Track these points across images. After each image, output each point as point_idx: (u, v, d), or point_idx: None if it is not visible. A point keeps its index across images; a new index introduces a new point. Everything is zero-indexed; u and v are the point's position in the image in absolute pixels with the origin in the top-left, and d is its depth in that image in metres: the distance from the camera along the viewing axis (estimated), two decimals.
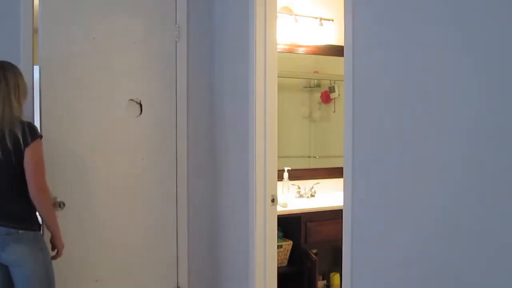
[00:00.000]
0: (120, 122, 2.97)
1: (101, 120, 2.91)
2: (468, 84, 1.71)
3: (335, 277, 3.85)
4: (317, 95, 4.18)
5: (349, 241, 2.20)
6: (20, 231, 2.28)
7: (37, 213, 2.38)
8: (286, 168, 3.78)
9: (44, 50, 2.75)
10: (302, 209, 3.54)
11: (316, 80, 4.18)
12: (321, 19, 3.99)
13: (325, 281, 3.91)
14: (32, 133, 2.29)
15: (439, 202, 1.81)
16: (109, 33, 2.92)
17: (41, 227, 2.42)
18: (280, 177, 3.64)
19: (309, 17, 3.97)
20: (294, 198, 3.81)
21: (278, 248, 3.15)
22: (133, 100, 3.00)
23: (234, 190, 3.05)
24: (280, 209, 3.30)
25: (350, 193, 2.19)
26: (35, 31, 2.72)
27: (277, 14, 2.97)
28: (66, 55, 2.81)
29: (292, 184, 3.84)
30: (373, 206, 2.10)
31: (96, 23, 2.88)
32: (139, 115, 3.02)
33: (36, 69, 2.74)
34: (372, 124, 2.10)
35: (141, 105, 3.02)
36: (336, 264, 3.88)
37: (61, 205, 2.73)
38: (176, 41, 3.13)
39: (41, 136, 2.34)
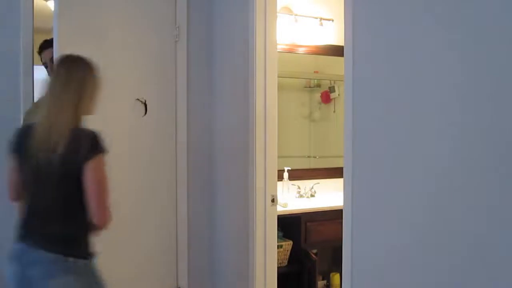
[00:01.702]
0: (129, 121, 2.96)
1: (114, 119, 2.89)
2: (468, 84, 1.71)
3: (335, 277, 3.85)
4: (317, 95, 4.18)
5: (349, 241, 2.20)
6: (69, 259, 1.90)
7: (90, 236, 2.02)
8: (286, 168, 3.78)
9: (60, 50, 2.69)
10: (302, 209, 3.54)
11: (316, 80, 4.18)
12: (321, 19, 3.99)
13: (325, 281, 3.91)
14: (93, 146, 1.92)
15: (440, 202, 1.81)
16: (112, 33, 2.91)
17: (93, 255, 2.05)
18: (280, 177, 3.64)
19: (309, 17, 3.97)
20: (294, 198, 3.81)
21: (278, 248, 3.15)
22: (139, 99, 2.99)
23: (234, 190, 3.05)
24: (280, 209, 3.30)
25: (350, 193, 2.19)
26: (35, 31, 2.72)
27: (277, 14, 2.97)
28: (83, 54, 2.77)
29: (292, 184, 3.84)
30: (373, 206, 2.10)
31: (100, 23, 2.87)
32: (144, 115, 3.01)
33: (36, 69, 2.74)
34: (372, 124, 2.10)
35: (145, 105, 3.01)
36: (336, 264, 3.88)
37: None
38: (176, 42, 3.14)
39: (104, 151, 1.95)
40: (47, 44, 2.66)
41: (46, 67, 2.69)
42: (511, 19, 1.57)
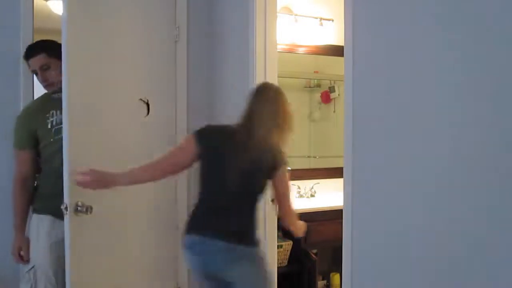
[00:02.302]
0: (131, 122, 2.94)
1: (117, 119, 2.86)
2: (468, 84, 1.71)
3: (335, 277, 3.85)
4: (317, 95, 4.17)
5: (349, 241, 2.20)
6: (242, 247, 2.23)
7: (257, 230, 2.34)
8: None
9: (70, 51, 2.66)
10: (302, 209, 3.52)
11: (316, 80, 4.18)
12: (321, 19, 3.99)
13: (325, 281, 3.91)
14: (282, 159, 2.31)
15: (440, 202, 1.81)
16: (112, 33, 2.91)
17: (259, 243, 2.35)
18: None
19: (309, 17, 3.97)
20: (294, 198, 3.81)
21: (278, 248, 3.15)
22: (142, 100, 2.97)
23: None
24: None
25: (350, 193, 2.19)
26: (35, 31, 2.72)
27: (277, 14, 2.97)
28: (87, 55, 2.74)
29: (292, 184, 3.82)
30: (373, 206, 2.10)
31: (100, 23, 2.86)
32: (147, 115, 2.99)
33: None
34: (372, 124, 2.10)
35: (148, 105, 2.99)
36: (336, 264, 3.88)
37: (88, 209, 2.51)
38: (175, 42, 3.13)
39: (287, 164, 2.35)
40: (34, 52, 2.58)
41: (36, 74, 2.63)
42: (511, 19, 1.57)
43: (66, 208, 2.46)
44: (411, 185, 1.92)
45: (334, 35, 4.00)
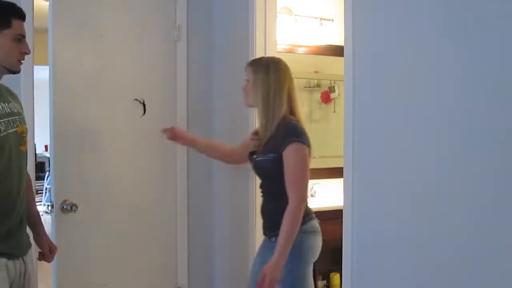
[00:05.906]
0: (125, 122, 2.95)
1: (108, 119, 2.89)
2: (468, 83, 1.71)
3: (335, 277, 3.84)
4: (317, 95, 4.17)
5: (349, 240, 2.20)
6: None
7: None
8: None
9: (55, 49, 2.70)
10: None
11: (316, 80, 4.17)
12: (321, 19, 3.99)
13: (325, 281, 3.91)
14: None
15: (440, 202, 1.81)
16: (112, 33, 2.91)
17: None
18: None
19: (309, 17, 3.97)
20: None
21: None
22: (137, 100, 2.98)
23: (234, 190, 3.05)
24: None
25: (350, 193, 2.19)
26: (35, 31, 2.72)
27: (277, 14, 2.97)
28: (75, 54, 2.77)
29: None
30: (373, 206, 2.10)
31: (99, 23, 2.87)
32: (143, 115, 3.00)
33: (36, 69, 2.73)
34: (372, 123, 2.10)
35: (144, 105, 3.00)
36: (336, 264, 3.87)
37: (73, 207, 2.65)
38: (176, 42, 3.13)
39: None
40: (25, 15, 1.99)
41: (18, 41, 2.01)
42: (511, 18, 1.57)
43: (52, 206, 2.60)
44: (412, 185, 1.92)
45: (334, 35, 4.00)
